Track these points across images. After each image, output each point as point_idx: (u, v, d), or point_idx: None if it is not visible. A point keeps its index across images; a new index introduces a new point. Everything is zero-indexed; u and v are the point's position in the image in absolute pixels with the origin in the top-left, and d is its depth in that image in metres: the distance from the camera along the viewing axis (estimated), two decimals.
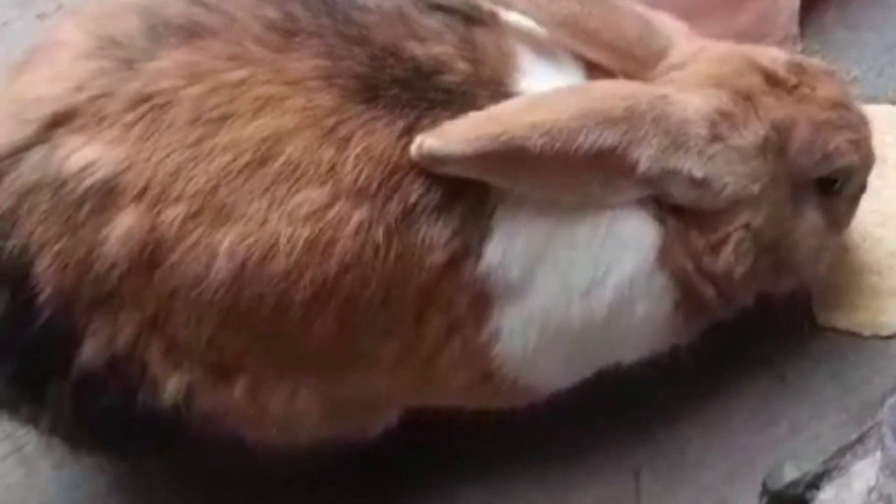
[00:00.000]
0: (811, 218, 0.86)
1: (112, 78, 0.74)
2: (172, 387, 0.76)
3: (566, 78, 0.83)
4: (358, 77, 0.76)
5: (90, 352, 0.75)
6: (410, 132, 0.75)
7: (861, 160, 0.88)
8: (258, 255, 0.72)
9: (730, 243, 0.82)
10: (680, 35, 0.88)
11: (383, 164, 0.74)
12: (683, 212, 0.82)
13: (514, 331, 0.80)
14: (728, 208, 0.82)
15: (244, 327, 0.75)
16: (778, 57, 0.86)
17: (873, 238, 1.01)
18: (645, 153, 0.77)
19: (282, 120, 0.73)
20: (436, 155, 0.74)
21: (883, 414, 0.86)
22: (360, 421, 0.85)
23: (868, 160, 0.90)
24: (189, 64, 0.74)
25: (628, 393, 0.91)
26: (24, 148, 0.74)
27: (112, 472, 0.92)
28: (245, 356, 0.76)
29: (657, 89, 0.81)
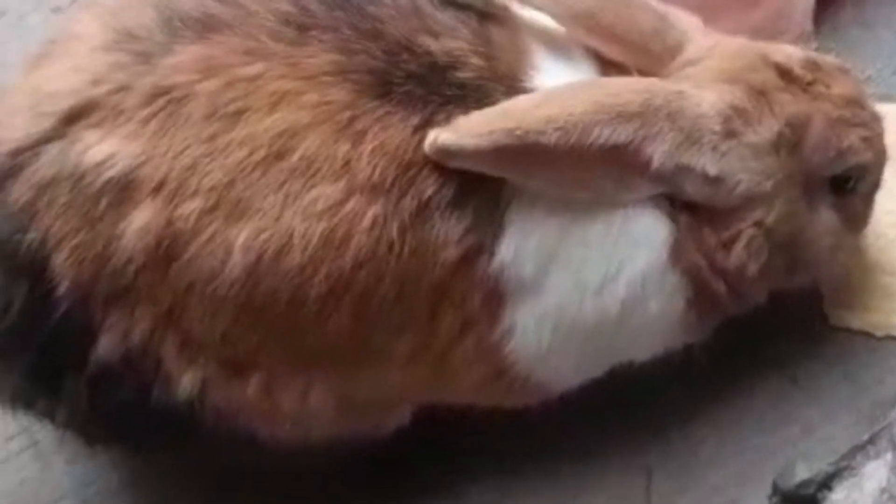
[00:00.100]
0: (825, 216, 0.86)
1: (129, 72, 0.75)
2: (187, 382, 0.76)
3: (580, 74, 0.83)
4: (372, 72, 0.76)
5: (106, 346, 0.75)
6: (425, 128, 0.75)
7: (875, 158, 0.88)
8: (273, 251, 0.72)
9: (742, 240, 0.82)
10: (695, 30, 0.87)
11: (398, 160, 0.74)
12: (696, 209, 0.81)
13: (528, 328, 0.80)
14: (741, 205, 0.82)
15: (259, 322, 0.75)
16: (793, 53, 0.86)
17: (887, 238, 1.00)
18: (659, 149, 0.77)
19: (297, 115, 0.73)
20: (449, 149, 0.73)
21: (895, 414, 0.86)
22: (374, 418, 0.85)
23: (882, 158, 0.90)
24: (205, 58, 0.74)
25: (640, 392, 0.91)
26: (43, 141, 0.74)
27: (126, 468, 0.92)
28: (259, 352, 0.77)
29: (672, 85, 0.80)
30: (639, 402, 0.93)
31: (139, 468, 0.92)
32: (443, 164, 0.75)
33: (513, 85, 0.79)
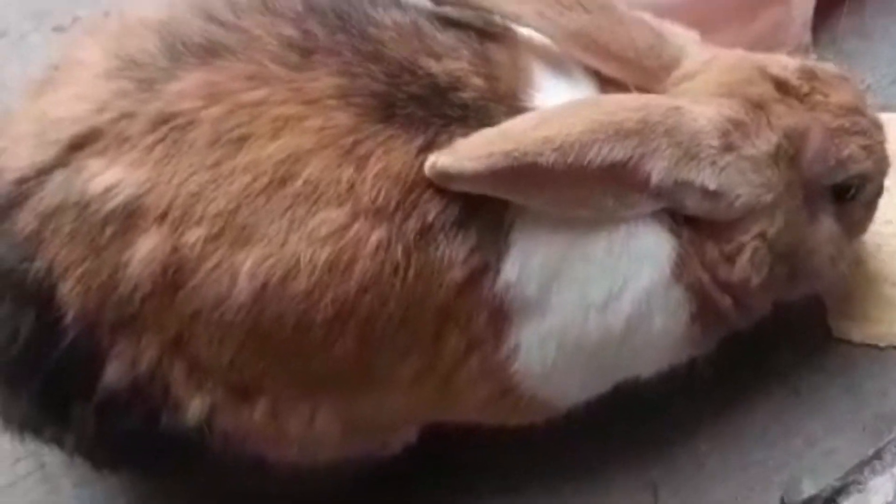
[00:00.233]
0: (827, 225, 0.86)
1: (132, 99, 0.75)
2: (195, 408, 0.76)
3: (580, 92, 0.83)
4: (375, 95, 0.76)
5: (114, 373, 0.75)
6: (428, 149, 0.75)
7: (875, 166, 0.88)
8: (279, 276, 0.73)
9: (745, 253, 0.82)
10: (691, 44, 0.87)
11: (401, 183, 0.74)
12: (698, 223, 0.82)
13: (533, 346, 0.80)
14: (743, 218, 0.82)
15: (265, 348, 0.75)
16: (789, 64, 0.86)
17: (890, 248, 1.00)
18: (658, 165, 0.77)
19: (301, 140, 0.73)
20: (449, 172, 0.74)
21: None
22: (380, 439, 0.85)
23: (882, 165, 0.90)
24: (208, 84, 0.75)
25: (643, 408, 0.91)
26: (48, 170, 0.74)
27: (134, 492, 0.92)
28: (266, 377, 0.77)
29: (669, 101, 0.80)
30: (642, 418, 0.93)
31: (147, 492, 0.92)
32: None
33: (514, 104, 0.79)
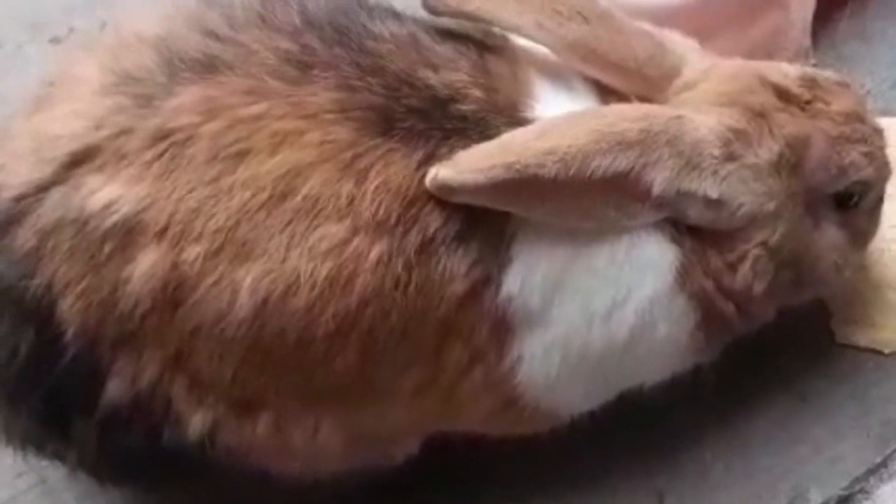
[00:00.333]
0: (830, 232, 0.86)
1: (130, 115, 0.74)
2: (197, 423, 0.76)
3: (579, 102, 0.83)
4: (374, 108, 0.76)
5: (115, 389, 0.75)
6: (428, 162, 0.75)
7: (877, 172, 0.88)
8: (280, 292, 0.72)
9: (748, 261, 0.82)
10: (691, 53, 0.87)
11: (401, 197, 0.74)
12: (700, 232, 0.81)
13: (536, 357, 0.80)
14: (745, 227, 0.82)
15: (267, 363, 0.75)
16: (790, 72, 0.85)
17: (892, 253, 1.00)
18: (660, 176, 0.77)
19: (300, 155, 0.73)
20: (450, 185, 0.73)
21: None
22: (383, 450, 0.85)
23: (884, 172, 0.89)
24: (206, 99, 0.74)
25: (648, 416, 0.91)
26: (46, 187, 0.74)
27: None
28: (268, 391, 0.77)
29: (670, 110, 0.80)
30: (647, 426, 0.93)
31: None
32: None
33: (514, 116, 0.79)
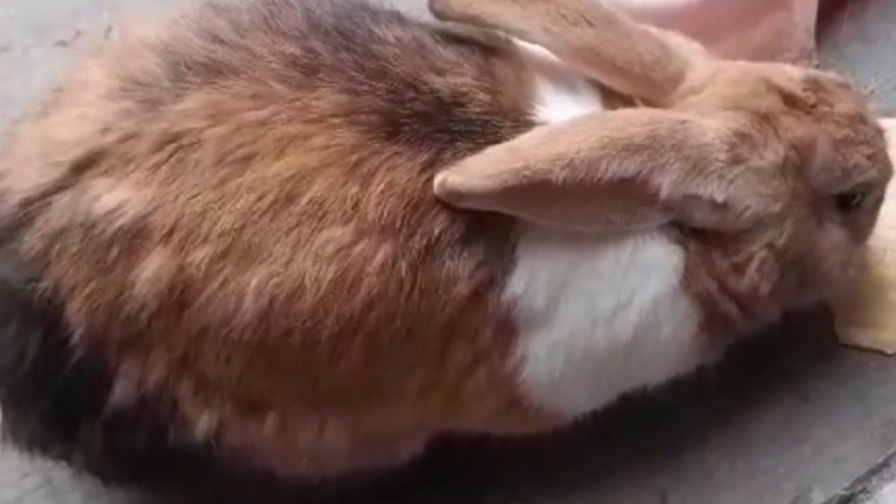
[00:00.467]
0: (833, 233, 0.86)
1: (137, 119, 0.75)
2: (203, 424, 0.77)
3: (584, 105, 0.83)
4: (379, 112, 0.76)
5: (121, 391, 0.75)
6: (433, 166, 0.75)
7: (879, 173, 0.88)
8: (285, 294, 0.73)
9: (753, 263, 0.82)
10: (696, 56, 0.88)
11: (406, 200, 0.74)
12: (705, 234, 0.82)
13: (540, 358, 0.80)
14: (751, 229, 0.82)
15: (272, 364, 0.75)
16: (794, 75, 0.86)
17: (895, 255, 1.00)
18: (666, 180, 0.77)
19: (305, 158, 0.74)
20: (458, 191, 0.74)
21: None
22: (387, 451, 0.86)
23: (886, 172, 0.90)
24: (212, 104, 0.75)
25: (651, 416, 0.91)
26: (53, 191, 0.75)
27: None
28: (273, 392, 0.77)
29: (676, 115, 0.81)
30: (650, 426, 0.93)
31: None
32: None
33: (519, 119, 0.79)
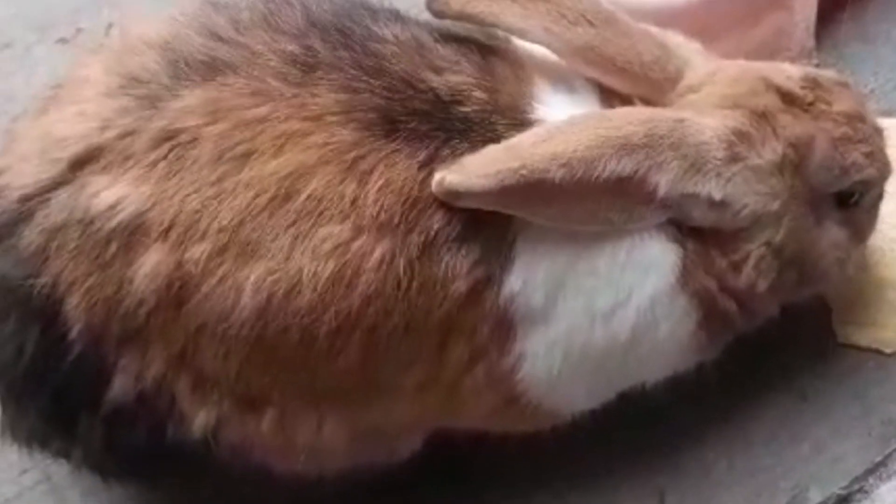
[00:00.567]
0: (832, 230, 0.87)
1: (135, 116, 0.75)
2: (201, 420, 0.77)
3: (582, 104, 0.83)
4: (377, 110, 0.76)
5: (120, 387, 0.76)
6: (431, 163, 0.76)
7: (877, 172, 0.88)
8: (283, 291, 0.73)
9: (751, 260, 0.83)
10: (695, 56, 0.88)
11: (404, 197, 0.75)
12: (703, 232, 0.82)
13: (538, 356, 0.80)
14: (748, 227, 0.82)
15: (270, 361, 0.75)
16: (793, 74, 0.86)
17: (894, 254, 1.00)
18: (664, 178, 0.77)
19: (304, 156, 0.74)
20: (457, 190, 0.74)
21: None
22: (386, 447, 0.86)
23: (884, 170, 0.90)
24: (211, 101, 0.75)
25: (650, 414, 0.91)
26: (52, 187, 0.75)
27: (140, 502, 0.92)
28: (272, 389, 0.77)
29: (674, 113, 0.81)
30: (649, 424, 0.93)
31: (154, 502, 0.92)
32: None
33: (516, 117, 0.79)
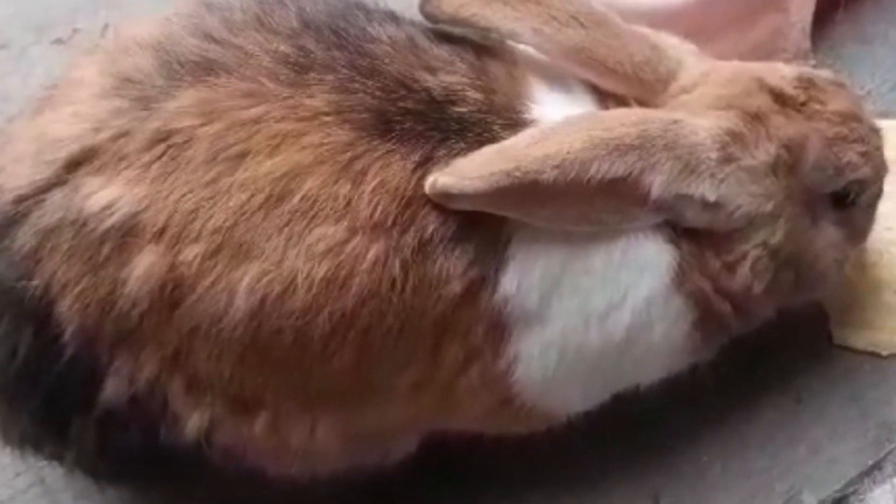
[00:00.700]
0: (828, 231, 0.87)
1: (129, 117, 0.75)
2: (194, 422, 0.77)
3: (577, 104, 0.83)
4: (371, 110, 0.76)
5: (113, 389, 0.75)
6: (425, 164, 0.75)
7: (873, 172, 0.88)
8: (277, 292, 0.73)
9: (747, 262, 0.82)
10: (688, 56, 0.88)
11: (399, 198, 0.74)
12: (698, 233, 0.82)
13: (533, 357, 0.80)
14: (743, 228, 0.82)
15: (264, 363, 0.75)
16: (786, 74, 0.86)
17: (891, 255, 1.00)
18: (658, 179, 0.77)
19: (298, 157, 0.74)
20: (450, 192, 0.74)
21: None
22: (380, 449, 0.86)
23: (880, 170, 0.90)
24: (205, 102, 0.75)
25: (645, 417, 0.91)
26: (46, 189, 0.75)
27: None
28: (265, 391, 0.77)
29: (668, 114, 0.81)
30: (644, 426, 0.93)
31: None
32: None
33: (511, 118, 0.79)
